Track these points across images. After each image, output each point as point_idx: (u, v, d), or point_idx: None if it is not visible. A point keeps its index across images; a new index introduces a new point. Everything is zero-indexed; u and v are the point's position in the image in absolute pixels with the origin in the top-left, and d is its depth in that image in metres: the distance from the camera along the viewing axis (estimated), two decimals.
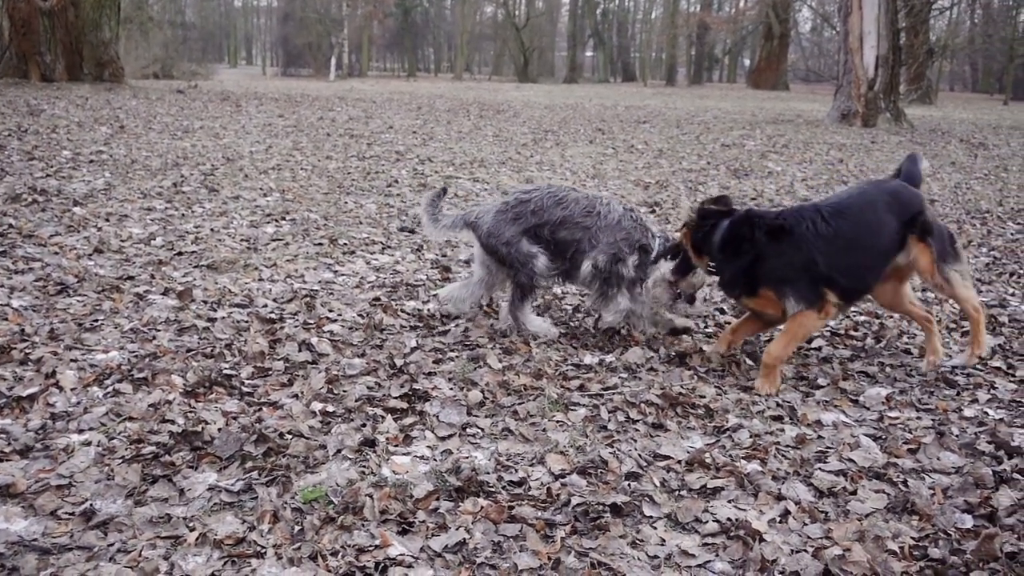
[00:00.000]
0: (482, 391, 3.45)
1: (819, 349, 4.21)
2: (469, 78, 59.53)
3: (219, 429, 2.96)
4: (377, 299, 4.67)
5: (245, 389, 3.39)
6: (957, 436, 3.18)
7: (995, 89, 53.25)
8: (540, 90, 37.56)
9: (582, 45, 66.32)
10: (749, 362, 3.95)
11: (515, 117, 18.14)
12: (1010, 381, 3.84)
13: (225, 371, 3.53)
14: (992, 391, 3.69)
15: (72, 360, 3.55)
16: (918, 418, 3.38)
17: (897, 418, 3.38)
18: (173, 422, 3.02)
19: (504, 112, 19.52)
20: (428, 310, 4.53)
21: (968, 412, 3.44)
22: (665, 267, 4.16)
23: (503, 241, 4.18)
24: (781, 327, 3.83)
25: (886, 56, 17.79)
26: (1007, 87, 46.77)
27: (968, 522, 2.56)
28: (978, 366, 3.98)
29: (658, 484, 2.76)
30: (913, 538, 2.46)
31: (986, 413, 3.43)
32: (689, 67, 62.07)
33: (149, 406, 3.15)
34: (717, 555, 2.39)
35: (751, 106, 26.99)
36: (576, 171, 10.14)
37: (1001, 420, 3.34)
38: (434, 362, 3.76)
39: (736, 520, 2.53)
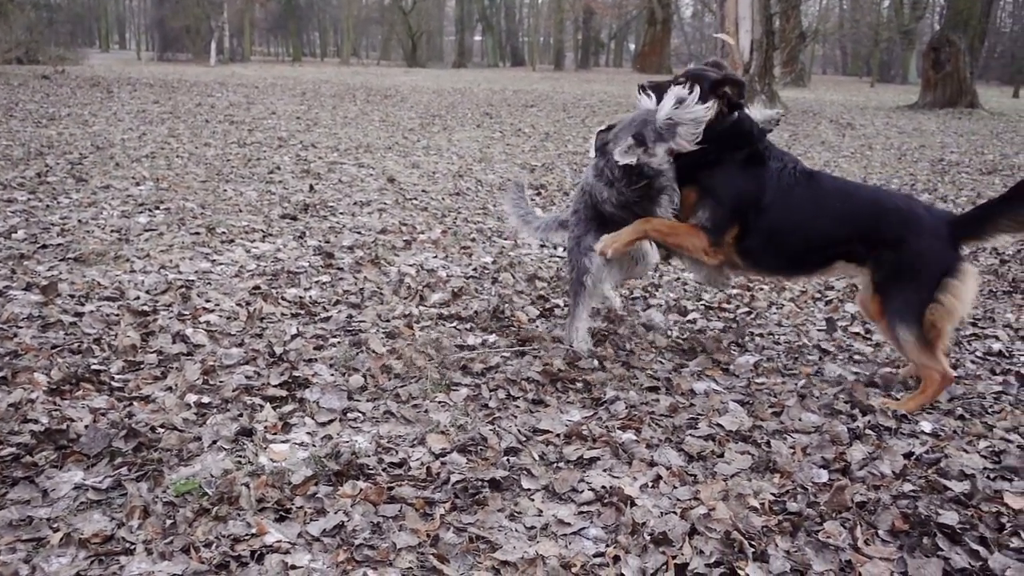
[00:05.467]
0: (364, 376, 3.43)
1: (693, 322, 4.37)
2: (356, 63, 58.54)
3: (86, 426, 2.85)
4: (257, 287, 4.57)
5: (115, 384, 3.27)
6: (818, 397, 3.38)
7: (863, 72, 56.20)
8: (428, 75, 37.32)
9: (470, 30, 66.19)
10: (627, 343, 4.07)
11: (403, 102, 17.98)
12: (867, 345, 4.09)
13: (93, 367, 3.39)
14: (850, 353, 3.94)
15: None
16: (783, 383, 3.57)
17: (764, 384, 3.55)
18: (36, 421, 2.88)
19: (391, 97, 19.31)
20: (310, 297, 4.46)
21: (828, 374, 3.66)
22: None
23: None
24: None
25: (760, 40, 18.47)
26: (873, 70, 49.49)
27: (824, 476, 2.73)
28: (841, 332, 4.23)
29: (537, 457, 2.83)
30: (773, 494, 2.61)
31: (843, 375, 3.66)
32: (576, 52, 62.83)
33: (9, 406, 2.99)
34: (591, 522, 2.47)
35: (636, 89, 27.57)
36: (463, 155, 10.15)
37: (857, 380, 3.57)
38: (315, 348, 3.72)
39: (610, 488, 2.62)
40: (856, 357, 3.91)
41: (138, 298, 4.28)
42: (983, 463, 2.84)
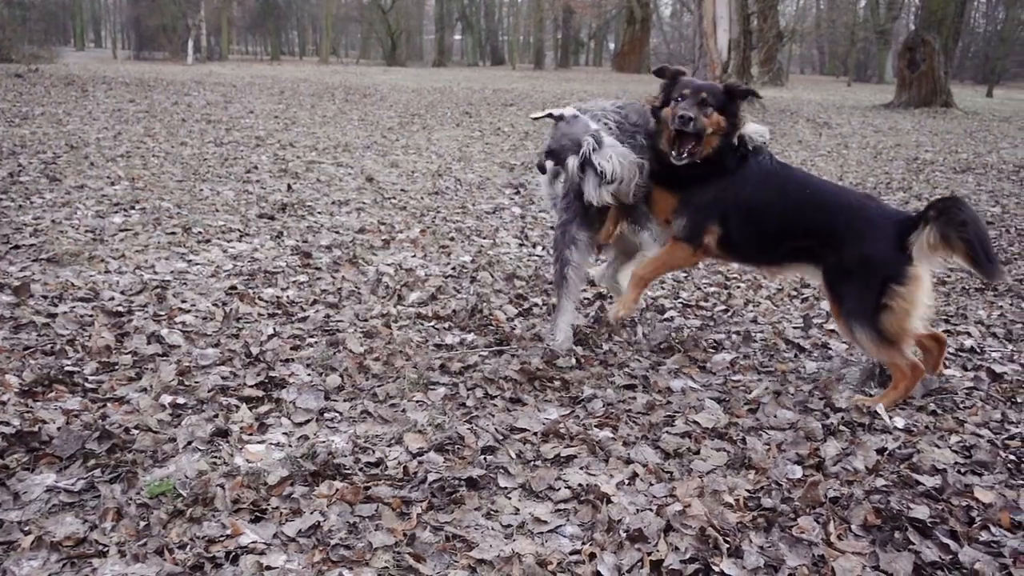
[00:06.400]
0: (341, 375, 3.42)
1: (671, 320, 4.39)
2: (335, 62, 58.21)
3: (59, 428, 2.82)
4: (233, 288, 4.54)
5: (88, 385, 3.24)
6: (792, 395, 3.41)
7: (840, 71, 56.63)
8: (408, 74, 37.21)
9: (450, 28, 66.01)
10: (606, 340, 4.08)
11: (382, 101, 17.93)
12: (842, 342, 4.12)
13: (67, 368, 3.35)
14: (826, 351, 3.97)
15: None
16: (759, 380, 3.60)
17: (740, 381, 3.58)
18: (7, 423, 2.85)
19: (371, 96, 19.25)
20: (287, 297, 4.44)
21: (803, 371, 3.69)
22: None
23: None
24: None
25: (738, 40, 18.58)
26: (850, 70, 49.92)
27: (798, 472, 2.75)
28: (815, 330, 4.27)
29: (514, 456, 2.83)
30: (748, 490, 2.63)
31: (818, 371, 3.69)
32: (556, 51, 62.88)
33: None
34: (568, 520, 2.48)
35: (615, 88, 27.63)
36: (442, 154, 10.14)
37: (832, 378, 3.59)
38: (292, 348, 3.70)
39: (587, 485, 2.63)
40: (831, 354, 3.94)
41: (113, 299, 4.24)
42: (954, 458, 2.88)
